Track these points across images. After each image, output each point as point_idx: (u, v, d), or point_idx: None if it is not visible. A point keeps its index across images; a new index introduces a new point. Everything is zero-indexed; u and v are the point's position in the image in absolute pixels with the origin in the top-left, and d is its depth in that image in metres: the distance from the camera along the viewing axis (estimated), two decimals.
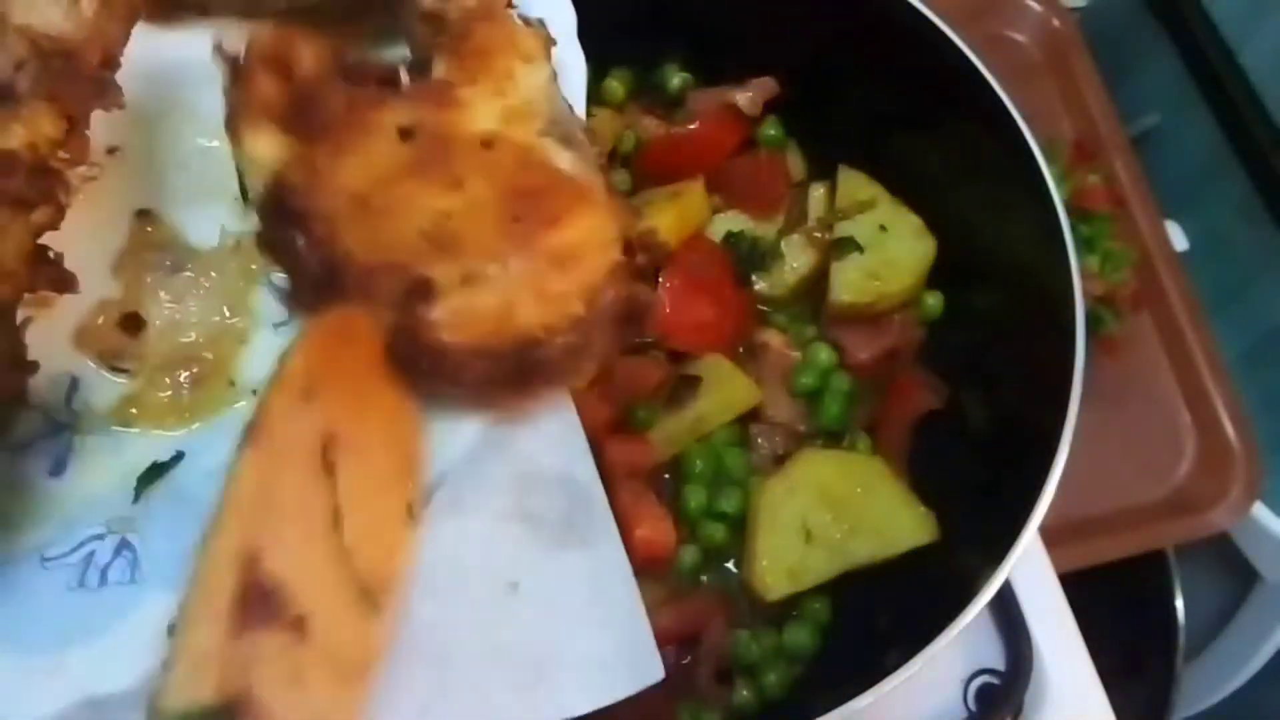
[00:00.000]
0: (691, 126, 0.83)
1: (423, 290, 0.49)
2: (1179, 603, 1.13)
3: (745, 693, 0.69)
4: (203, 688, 0.39)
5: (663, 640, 0.70)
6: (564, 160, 0.54)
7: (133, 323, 0.56)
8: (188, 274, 0.58)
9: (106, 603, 0.51)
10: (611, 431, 0.72)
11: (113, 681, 0.49)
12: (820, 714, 0.58)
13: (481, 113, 0.54)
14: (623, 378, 0.72)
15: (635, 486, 0.71)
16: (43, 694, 0.48)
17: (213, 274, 0.58)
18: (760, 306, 0.82)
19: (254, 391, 0.55)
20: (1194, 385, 1.10)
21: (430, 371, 0.51)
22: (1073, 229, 0.69)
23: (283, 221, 0.51)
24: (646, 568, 0.71)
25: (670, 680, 0.70)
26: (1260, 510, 1.07)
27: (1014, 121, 0.71)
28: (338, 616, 0.43)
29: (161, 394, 0.55)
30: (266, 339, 0.57)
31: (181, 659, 0.40)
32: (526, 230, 0.51)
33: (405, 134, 0.52)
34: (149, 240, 0.58)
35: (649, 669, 0.55)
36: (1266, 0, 1.12)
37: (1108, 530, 1.03)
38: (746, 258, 0.81)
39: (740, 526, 0.73)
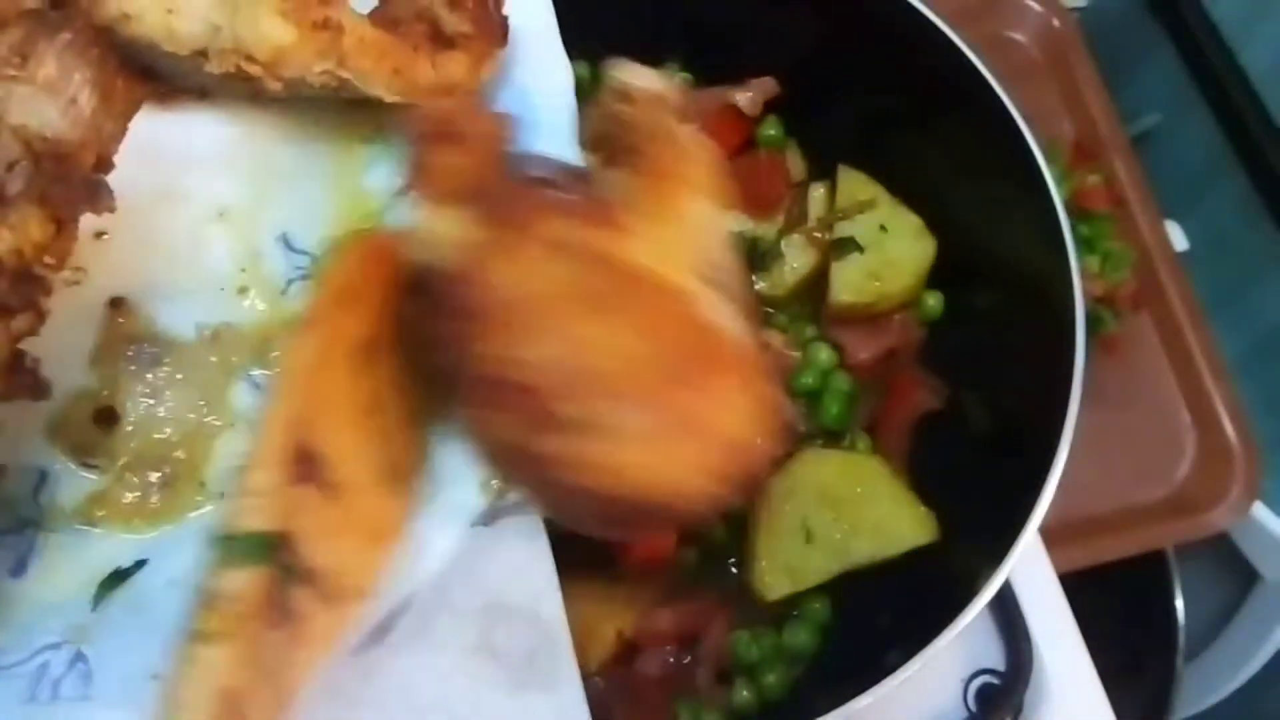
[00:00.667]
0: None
1: (543, 422, 0.47)
2: (1179, 603, 1.13)
3: (745, 693, 0.69)
4: (259, 520, 0.45)
5: (663, 640, 0.70)
6: (722, 315, 0.51)
7: (107, 417, 0.54)
8: (165, 368, 0.56)
9: (57, 719, 0.48)
10: None
11: None
12: (820, 714, 0.58)
13: (643, 242, 0.51)
14: None
15: None
16: None
17: (190, 368, 0.56)
18: (760, 306, 0.82)
19: (222, 495, 0.53)
20: (1194, 385, 1.10)
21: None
22: (1073, 229, 0.69)
23: (432, 303, 0.50)
24: (646, 568, 0.71)
25: (670, 680, 0.70)
26: (1260, 510, 1.07)
27: (1014, 121, 0.71)
28: (368, 488, 0.49)
29: (130, 494, 0.53)
30: (242, 440, 0.55)
31: (244, 493, 0.46)
32: (668, 386, 0.49)
33: (561, 247, 0.49)
34: (122, 331, 0.56)
35: None
36: (1267, 1, 1.12)
37: (1108, 530, 1.03)
38: (746, 258, 0.81)
39: (740, 526, 0.73)
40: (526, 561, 0.56)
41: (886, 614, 0.68)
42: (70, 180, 0.48)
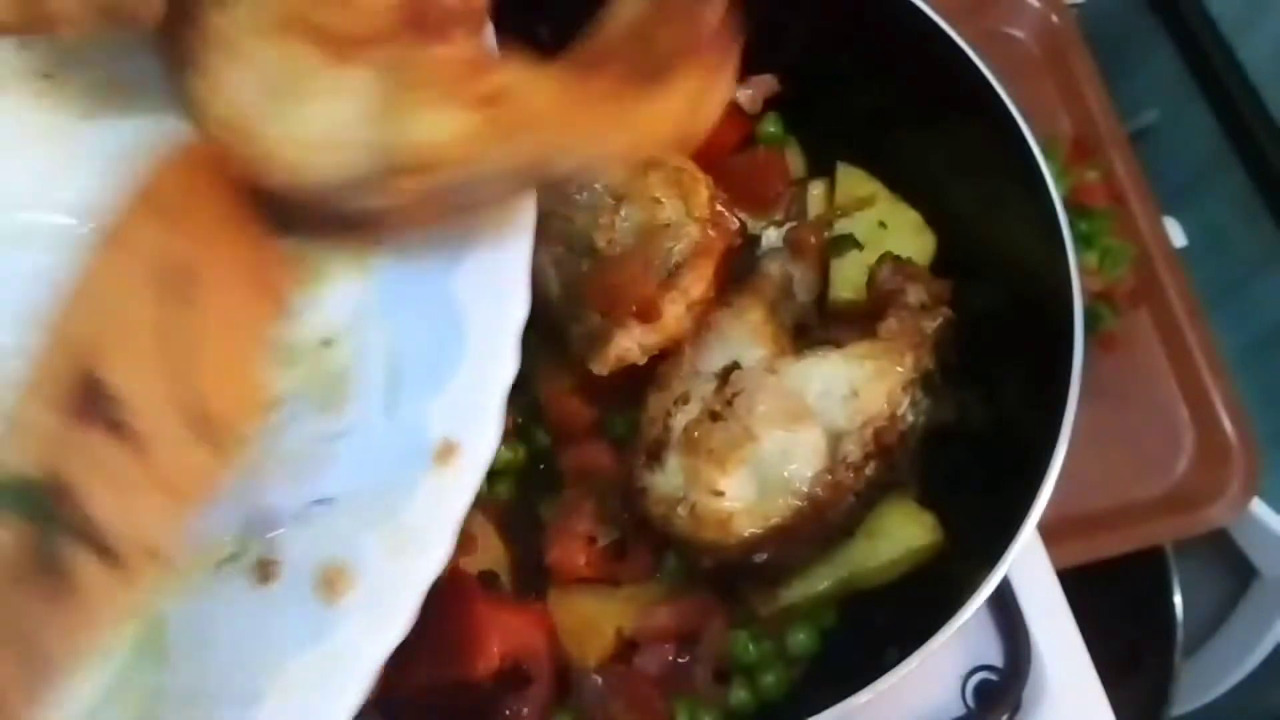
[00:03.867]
0: None
1: None
2: (1177, 599, 1.13)
3: (742, 693, 0.69)
4: (21, 459, 0.38)
5: (662, 638, 0.70)
6: None
7: None
8: None
9: None
10: (590, 436, 0.73)
11: None
12: (819, 711, 0.58)
13: None
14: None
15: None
16: None
17: None
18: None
19: None
20: (1192, 381, 1.10)
21: None
22: (1071, 225, 0.68)
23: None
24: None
25: (668, 679, 0.70)
26: (1258, 506, 1.07)
27: (1013, 118, 0.71)
28: (177, 442, 0.42)
29: None
30: None
31: (10, 426, 0.40)
32: None
33: None
34: None
35: None
36: None
37: (1106, 526, 1.03)
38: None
39: None
40: None
41: (885, 611, 0.68)
42: None
